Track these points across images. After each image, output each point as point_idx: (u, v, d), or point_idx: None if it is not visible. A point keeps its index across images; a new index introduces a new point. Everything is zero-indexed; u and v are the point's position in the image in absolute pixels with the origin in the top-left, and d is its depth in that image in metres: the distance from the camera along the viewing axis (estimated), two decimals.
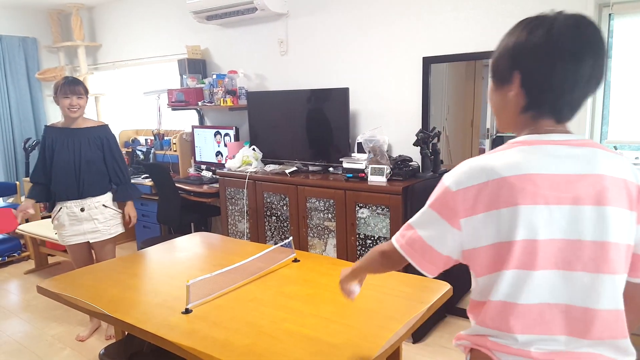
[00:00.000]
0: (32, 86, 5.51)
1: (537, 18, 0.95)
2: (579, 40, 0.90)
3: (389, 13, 3.27)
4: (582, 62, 0.90)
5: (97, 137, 2.84)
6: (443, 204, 0.96)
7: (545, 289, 0.91)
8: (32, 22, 5.52)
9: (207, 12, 3.86)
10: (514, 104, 0.98)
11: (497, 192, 0.90)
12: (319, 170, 3.54)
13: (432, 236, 0.98)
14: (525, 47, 0.93)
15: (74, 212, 2.82)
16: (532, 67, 0.93)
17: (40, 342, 3.02)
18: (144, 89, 4.86)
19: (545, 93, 0.93)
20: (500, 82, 1.00)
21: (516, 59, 0.95)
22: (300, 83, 3.81)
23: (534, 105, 0.96)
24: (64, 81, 2.75)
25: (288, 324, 1.55)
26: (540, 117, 0.96)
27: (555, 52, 0.90)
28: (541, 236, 0.90)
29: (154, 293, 1.84)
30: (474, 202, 0.92)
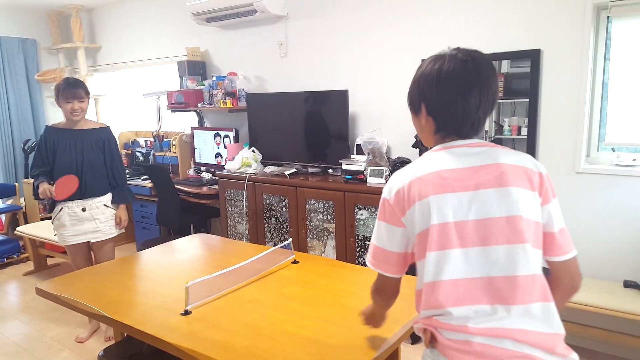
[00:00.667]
0: (32, 88, 5.52)
1: (436, 56, 1.14)
2: (464, 75, 1.08)
3: (388, 15, 3.28)
4: (470, 94, 1.08)
5: (99, 138, 2.86)
6: (386, 213, 1.16)
7: (466, 265, 1.05)
8: (31, 24, 5.52)
9: (207, 14, 3.87)
10: (427, 128, 1.17)
11: (416, 189, 1.08)
12: (319, 172, 3.54)
13: (385, 241, 1.17)
14: (426, 81, 1.13)
15: (75, 212, 2.83)
16: (432, 99, 1.13)
17: (39, 343, 3.02)
18: (144, 90, 4.86)
19: (447, 119, 1.12)
20: (414, 111, 1.20)
21: (421, 92, 1.15)
22: (299, 85, 3.81)
23: (442, 128, 1.15)
24: (65, 84, 2.74)
25: (287, 326, 1.55)
26: (447, 136, 1.15)
27: (445, 86, 1.10)
28: (451, 219, 1.05)
29: (153, 294, 1.85)
30: (404, 201, 1.10)
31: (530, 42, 2.72)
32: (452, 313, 1.04)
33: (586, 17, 2.55)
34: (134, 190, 4.38)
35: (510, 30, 2.78)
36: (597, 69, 2.66)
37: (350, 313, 1.63)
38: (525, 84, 2.79)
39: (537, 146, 2.79)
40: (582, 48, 2.59)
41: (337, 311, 1.65)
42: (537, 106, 2.75)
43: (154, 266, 2.21)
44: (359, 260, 3.05)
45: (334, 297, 1.76)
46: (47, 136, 2.82)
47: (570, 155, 2.69)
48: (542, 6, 2.67)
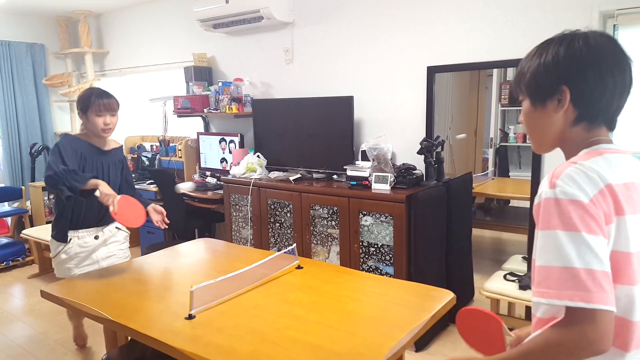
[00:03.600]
0: (39, 92, 5.56)
1: (570, 34, 0.95)
2: (618, 52, 0.92)
3: (394, 22, 3.29)
4: (625, 73, 0.92)
5: (119, 160, 2.57)
6: (582, 218, 0.83)
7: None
8: (40, 29, 5.58)
9: (213, 20, 3.90)
10: (562, 120, 0.95)
11: (610, 200, 0.86)
12: (323, 177, 3.54)
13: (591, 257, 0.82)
14: (571, 60, 0.92)
15: (87, 242, 2.46)
16: (580, 80, 0.91)
17: (44, 346, 3.03)
18: (150, 95, 4.89)
19: (597, 103, 0.92)
20: (542, 100, 0.96)
21: (561, 73, 0.92)
22: (305, 91, 3.83)
23: (586, 117, 0.94)
24: (96, 95, 2.36)
25: (291, 331, 1.55)
26: (594, 127, 0.95)
27: (601, 64, 0.90)
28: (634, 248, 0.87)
29: (158, 298, 1.85)
30: (609, 207, 0.85)
31: None
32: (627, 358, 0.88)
33: (592, 25, 2.55)
34: None
35: (516, 38, 2.78)
36: None
37: (355, 319, 1.63)
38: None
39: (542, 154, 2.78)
40: None
41: (341, 317, 1.65)
42: None
43: (158, 270, 2.21)
44: (363, 266, 3.04)
45: (338, 303, 1.76)
46: (75, 146, 2.36)
47: None
48: (548, 14, 2.67)
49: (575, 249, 0.81)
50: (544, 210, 0.86)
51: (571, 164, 0.88)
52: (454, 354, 2.77)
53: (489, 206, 3.71)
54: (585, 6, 2.56)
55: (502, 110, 3.26)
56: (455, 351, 2.79)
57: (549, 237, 0.84)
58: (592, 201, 0.83)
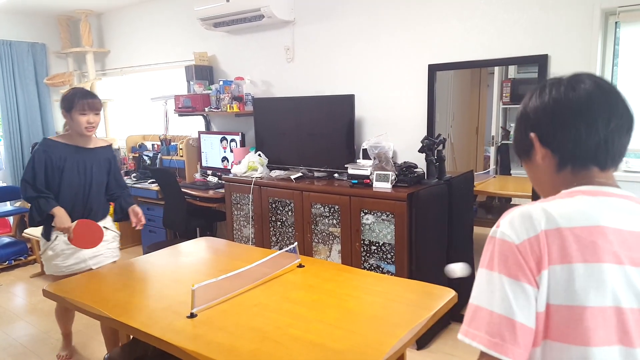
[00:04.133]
0: (41, 91, 5.57)
1: (542, 85, 0.93)
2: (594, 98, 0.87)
3: (395, 21, 3.29)
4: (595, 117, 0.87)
5: (106, 158, 2.61)
6: (509, 262, 0.80)
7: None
8: (41, 28, 5.58)
9: (214, 19, 3.90)
10: (547, 167, 0.92)
11: (556, 244, 0.79)
12: (324, 176, 3.54)
13: (512, 305, 0.78)
14: (535, 109, 0.91)
15: None
16: (546, 125, 0.89)
17: (46, 345, 3.04)
18: (152, 94, 4.90)
19: (573, 147, 0.88)
20: (526, 154, 0.95)
21: (528, 122, 0.92)
22: (306, 90, 3.82)
23: (568, 161, 0.89)
24: (79, 94, 2.41)
25: (293, 330, 1.55)
26: (581, 170, 0.89)
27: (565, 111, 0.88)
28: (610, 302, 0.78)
29: (159, 297, 1.85)
30: (541, 255, 0.79)
31: (538, 47, 2.71)
32: None
33: (594, 22, 2.54)
34: (141, 193, 4.43)
35: (517, 36, 2.78)
36: (605, 75, 2.65)
37: (356, 317, 1.63)
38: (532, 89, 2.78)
39: None
40: (590, 53, 2.58)
41: (342, 315, 1.65)
42: None
43: (160, 269, 2.22)
44: (364, 264, 3.04)
45: (340, 302, 1.76)
46: (50, 152, 2.41)
47: None
48: (549, 12, 2.67)
49: (499, 292, 0.79)
50: (485, 247, 0.86)
51: (530, 204, 0.84)
52: (455, 352, 2.77)
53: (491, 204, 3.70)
54: (587, 3, 2.55)
55: (504, 108, 3.26)
56: (457, 349, 2.79)
57: (479, 275, 0.84)
58: (522, 244, 0.79)
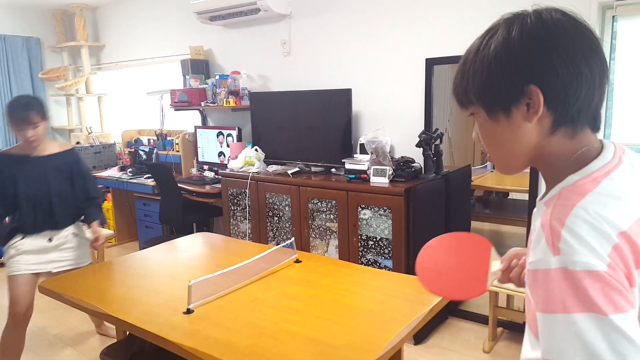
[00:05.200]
0: (36, 86, 5.53)
1: (514, 16, 0.77)
2: (583, 29, 0.73)
3: (392, 14, 3.27)
4: (599, 53, 0.71)
5: (65, 164, 2.46)
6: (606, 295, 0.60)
7: None
8: (35, 22, 5.54)
9: (210, 12, 3.87)
10: (536, 129, 0.73)
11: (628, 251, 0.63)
12: (322, 171, 3.53)
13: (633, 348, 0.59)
14: (529, 49, 0.71)
15: (40, 242, 2.45)
16: (549, 73, 0.69)
17: (42, 341, 3.03)
18: (147, 89, 4.87)
19: (575, 99, 0.70)
20: (505, 109, 0.73)
21: (522, 69, 0.71)
22: (303, 84, 3.81)
23: (565, 119, 0.72)
24: (11, 107, 2.28)
25: (290, 325, 1.55)
26: (577, 131, 0.73)
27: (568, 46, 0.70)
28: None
29: (156, 293, 1.84)
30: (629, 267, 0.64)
31: None
32: None
33: (591, 16, 2.54)
34: (137, 188, 4.41)
35: None
36: None
37: (353, 312, 1.63)
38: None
39: None
40: None
41: (339, 311, 1.64)
42: None
43: (156, 265, 2.21)
44: (361, 259, 3.04)
45: (337, 297, 1.75)
46: (3, 167, 2.34)
47: None
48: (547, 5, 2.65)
49: (604, 338, 0.59)
50: (547, 284, 0.64)
51: (571, 209, 0.66)
52: (452, 346, 2.78)
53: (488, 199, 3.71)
54: None
55: None
56: (454, 344, 2.80)
57: (564, 324, 0.61)
58: (610, 266, 0.61)
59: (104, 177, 4.69)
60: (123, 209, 4.93)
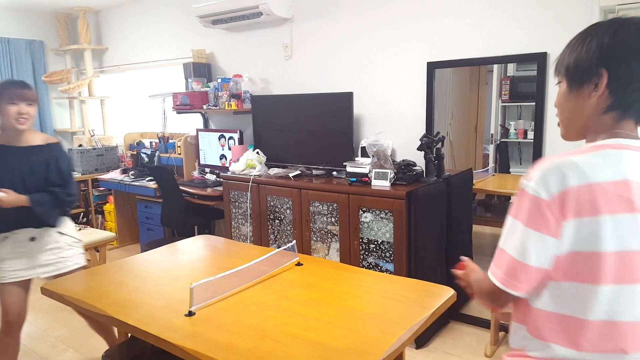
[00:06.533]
0: (39, 89, 5.55)
1: (619, 19, 0.92)
2: None
3: (394, 18, 3.28)
4: None
5: (45, 159, 2.27)
6: (534, 215, 0.89)
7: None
8: (39, 25, 5.56)
9: (212, 16, 3.88)
10: (594, 105, 0.93)
11: (586, 199, 0.86)
12: (323, 174, 3.54)
13: (531, 253, 0.90)
14: (615, 45, 0.89)
15: (21, 243, 2.28)
16: (621, 65, 0.89)
17: (44, 343, 3.03)
18: (150, 92, 4.88)
19: (634, 92, 0.89)
20: (579, 83, 0.94)
21: (603, 56, 0.90)
22: (304, 87, 3.82)
23: (620, 105, 0.91)
24: (9, 84, 2.20)
25: (291, 328, 1.55)
26: (623, 117, 0.92)
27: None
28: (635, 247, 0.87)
29: (158, 295, 1.85)
30: (568, 207, 0.87)
31: (537, 45, 2.71)
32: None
33: (593, 20, 2.54)
34: (139, 191, 4.42)
35: (516, 33, 2.77)
36: None
37: (354, 316, 1.63)
38: (531, 87, 2.78)
39: (543, 150, 2.77)
40: None
41: (340, 314, 1.64)
42: (543, 109, 2.73)
43: (158, 267, 2.21)
44: (363, 263, 3.04)
45: (338, 300, 1.75)
46: None
47: None
48: (549, 9, 2.66)
49: (522, 241, 0.90)
50: (517, 196, 0.95)
51: (560, 157, 0.90)
52: (454, 350, 2.77)
53: (490, 202, 3.70)
54: (586, 1, 2.55)
55: (503, 106, 3.25)
56: (456, 348, 2.79)
57: (508, 221, 0.95)
58: (552, 200, 0.87)
59: (106, 180, 4.70)
60: (125, 212, 4.94)
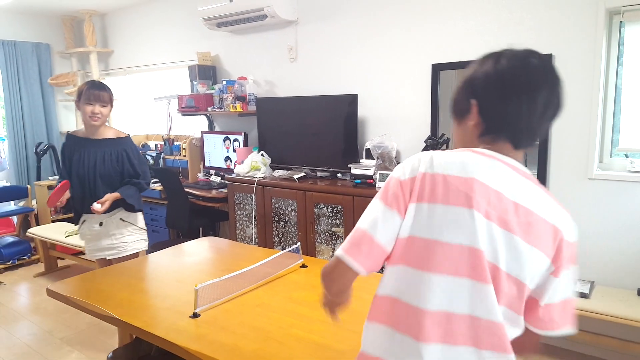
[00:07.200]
0: (45, 91, 5.58)
1: (490, 53, 1.00)
2: (530, 75, 0.94)
3: (399, 20, 3.28)
4: (535, 96, 0.93)
5: (116, 151, 2.60)
6: (389, 193, 0.97)
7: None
8: (45, 28, 5.60)
9: (217, 19, 3.90)
10: (473, 131, 1.00)
11: (429, 185, 0.93)
12: (327, 176, 3.54)
13: (378, 228, 0.97)
14: (479, 77, 0.97)
15: (93, 227, 2.64)
16: (486, 95, 0.96)
17: (49, 344, 3.04)
18: (155, 94, 4.90)
19: (501, 119, 0.96)
20: (461, 115, 1.02)
21: (472, 88, 0.99)
22: (309, 89, 3.82)
23: (491, 130, 0.98)
24: (89, 86, 2.56)
25: (296, 330, 1.54)
26: (498, 141, 0.98)
27: (505, 84, 0.94)
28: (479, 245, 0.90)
29: (163, 297, 1.85)
30: (414, 190, 0.94)
31: (542, 47, 2.70)
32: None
33: (598, 21, 2.53)
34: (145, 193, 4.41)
35: (521, 35, 2.76)
36: (610, 74, 2.63)
37: (359, 318, 1.62)
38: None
39: (549, 152, 2.76)
40: (594, 53, 2.56)
41: (345, 316, 1.64)
42: None
43: (163, 269, 2.22)
44: None
45: None
46: (66, 144, 2.65)
47: (582, 161, 2.66)
48: (554, 11, 2.65)
49: (373, 213, 0.97)
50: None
51: (426, 152, 0.99)
52: None
53: None
54: (591, 3, 2.54)
55: None
56: None
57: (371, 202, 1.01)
58: (405, 181, 0.95)
59: None
60: None
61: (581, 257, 2.69)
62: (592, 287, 2.53)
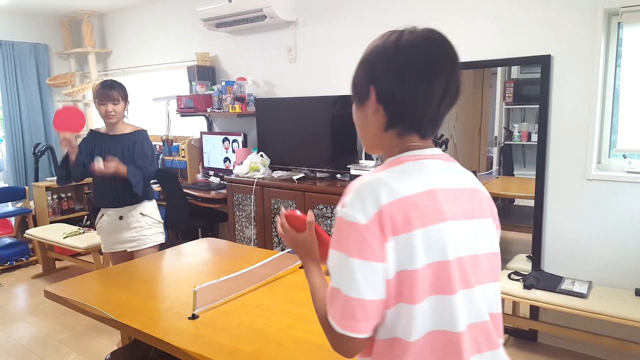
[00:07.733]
0: (43, 92, 5.57)
1: (389, 32, 0.91)
2: (432, 56, 0.86)
3: (397, 20, 3.27)
4: (435, 78, 0.86)
5: (132, 143, 2.71)
6: (358, 243, 0.81)
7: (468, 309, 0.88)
8: (43, 29, 5.59)
9: (216, 19, 3.89)
10: (375, 122, 0.92)
11: (400, 215, 0.81)
12: (327, 177, 3.54)
13: (363, 287, 0.81)
14: (379, 58, 0.89)
15: (114, 220, 2.73)
16: (385, 80, 0.87)
17: (47, 346, 3.03)
18: (154, 95, 4.89)
19: (404, 108, 0.87)
20: (359, 100, 0.94)
21: (371, 72, 0.90)
22: (308, 90, 3.82)
23: (396, 123, 0.89)
24: (100, 86, 2.67)
25: (295, 331, 1.54)
26: (405, 134, 0.90)
27: (405, 65, 0.86)
28: (453, 255, 0.85)
29: (161, 298, 1.85)
30: (386, 227, 0.81)
31: (541, 48, 2.70)
32: None
33: (597, 23, 2.53)
34: None
35: (520, 36, 2.77)
36: (608, 75, 2.63)
37: None
38: (535, 89, 2.77)
39: (547, 152, 2.76)
40: (593, 54, 2.57)
41: None
42: (547, 112, 2.73)
43: (161, 270, 2.21)
44: None
45: None
46: (88, 139, 2.75)
47: (581, 162, 2.66)
48: (553, 12, 2.65)
49: (350, 275, 0.81)
50: (335, 228, 0.86)
51: (367, 177, 0.86)
52: None
53: None
54: (589, 3, 2.54)
55: (507, 108, 3.25)
56: None
57: (332, 256, 0.85)
58: (369, 223, 0.81)
59: None
60: None
61: (579, 257, 2.72)
62: (590, 287, 2.53)
